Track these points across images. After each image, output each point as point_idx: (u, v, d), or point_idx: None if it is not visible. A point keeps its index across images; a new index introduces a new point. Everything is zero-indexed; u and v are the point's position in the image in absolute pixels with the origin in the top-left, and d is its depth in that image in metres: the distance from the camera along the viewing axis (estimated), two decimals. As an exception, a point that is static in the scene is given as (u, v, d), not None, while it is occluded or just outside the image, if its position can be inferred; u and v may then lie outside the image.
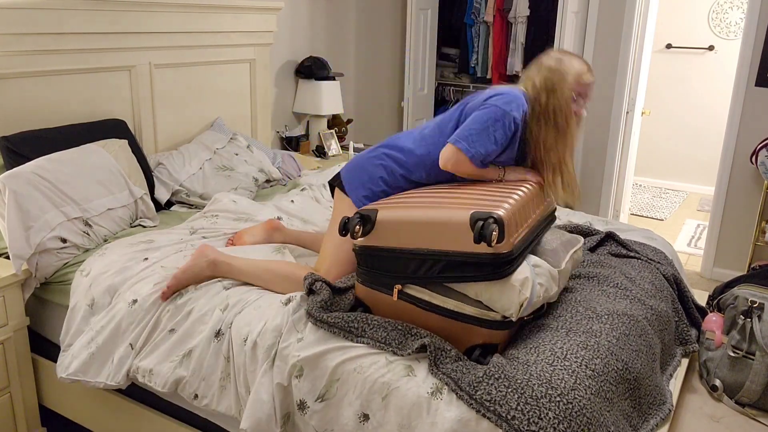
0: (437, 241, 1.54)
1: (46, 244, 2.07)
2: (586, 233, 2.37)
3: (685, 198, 5.69)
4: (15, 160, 2.24)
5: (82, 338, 1.93)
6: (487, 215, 1.48)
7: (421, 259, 1.56)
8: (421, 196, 1.72)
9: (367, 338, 1.57)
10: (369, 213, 1.63)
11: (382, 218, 1.61)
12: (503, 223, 1.47)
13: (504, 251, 1.49)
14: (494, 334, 1.56)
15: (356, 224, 1.61)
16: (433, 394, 1.44)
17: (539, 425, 1.34)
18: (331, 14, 4.31)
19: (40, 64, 2.40)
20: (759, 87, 3.51)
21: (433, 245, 1.54)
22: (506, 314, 1.52)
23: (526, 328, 1.68)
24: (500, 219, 1.47)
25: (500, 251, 1.49)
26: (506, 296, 1.51)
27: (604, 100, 4.08)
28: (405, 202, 1.67)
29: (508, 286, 1.51)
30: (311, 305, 1.65)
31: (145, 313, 1.85)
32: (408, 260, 1.58)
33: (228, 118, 3.33)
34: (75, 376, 1.90)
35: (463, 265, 1.52)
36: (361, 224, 1.62)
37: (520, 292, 1.50)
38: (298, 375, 1.58)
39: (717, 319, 2.07)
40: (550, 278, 1.61)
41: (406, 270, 1.59)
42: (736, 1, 5.39)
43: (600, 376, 1.51)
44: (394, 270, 1.61)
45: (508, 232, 1.50)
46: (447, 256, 1.53)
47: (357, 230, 1.61)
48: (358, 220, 1.62)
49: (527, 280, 1.51)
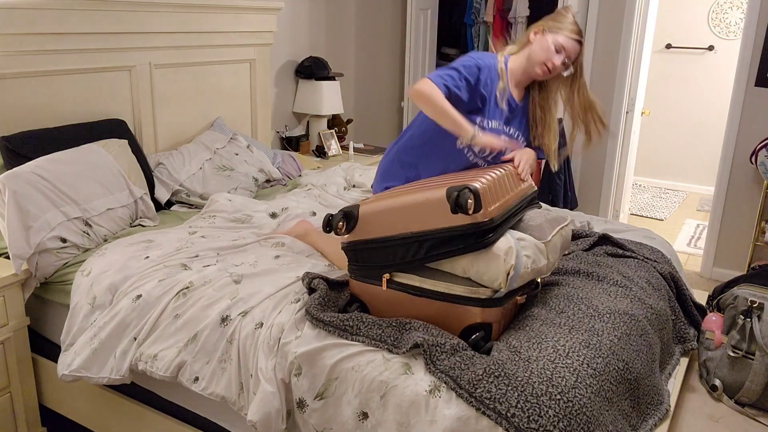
0: (418, 222, 1.58)
1: (46, 244, 2.07)
2: (579, 236, 2.37)
3: (685, 198, 5.69)
4: (15, 160, 2.24)
5: (84, 335, 1.92)
6: (462, 187, 1.52)
7: (407, 244, 1.60)
8: (401, 188, 1.79)
9: (363, 336, 1.58)
10: (351, 209, 1.67)
11: (364, 211, 1.66)
12: (478, 193, 1.51)
13: (483, 220, 1.53)
14: (487, 312, 1.57)
15: (339, 221, 1.64)
16: (431, 392, 1.44)
17: (539, 423, 1.34)
18: (331, 14, 4.31)
19: (40, 64, 2.40)
20: (759, 87, 3.51)
21: (415, 227, 1.59)
22: (494, 285, 1.54)
23: (528, 319, 1.69)
24: (475, 189, 1.51)
25: (479, 220, 1.52)
26: (492, 267, 1.53)
27: (604, 100, 4.08)
28: (385, 195, 1.72)
29: (492, 256, 1.53)
30: (309, 303, 1.68)
31: (151, 307, 1.85)
32: (394, 248, 1.62)
33: (228, 118, 3.34)
34: (78, 373, 1.89)
35: (446, 241, 1.56)
36: (345, 221, 1.65)
37: (505, 261, 1.52)
38: (297, 373, 1.58)
39: (717, 319, 2.07)
40: (537, 251, 1.62)
41: (394, 258, 1.62)
42: (736, 1, 5.39)
43: (601, 375, 1.51)
44: (382, 260, 1.64)
45: (485, 201, 1.54)
46: (430, 235, 1.57)
47: (341, 227, 1.64)
48: (341, 216, 1.65)
49: (511, 249, 1.54)
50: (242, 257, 2.04)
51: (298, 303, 1.72)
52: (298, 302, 1.73)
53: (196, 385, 1.73)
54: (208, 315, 1.77)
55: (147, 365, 1.79)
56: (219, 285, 1.84)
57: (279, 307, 1.73)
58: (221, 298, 1.79)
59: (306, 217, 2.49)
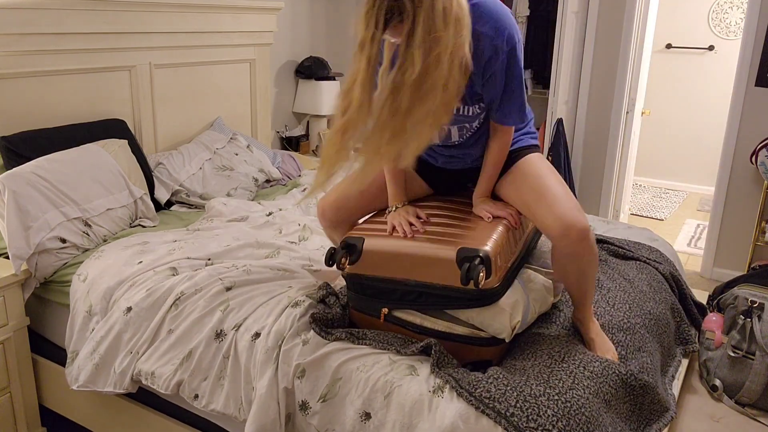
0: (424, 274, 1.53)
1: (45, 244, 2.07)
2: None
3: (685, 198, 5.68)
4: (15, 160, 2.24)
5: (85, 348, 1.93)
6: (474, 253, 1.45)
7: (407, 290, 1.56)
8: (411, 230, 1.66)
9: (369, 340, 1.58)
10: (355, 242, 1.61)
11: (369, 248, 1.60)
12: (490, 261, 1.45)
13: (491, 287, 1.49)
14: (488, 351, 1.56)
15: (342, 256, 1.59)
16: (434, 392, 1.44)
17: (538, 422, 1.34)
18: (331, 14, 4.31)
19: (40, 64, 2.40)
20: (759, 87, 3.51)
21: (420, 278, 1.54)
22: (500, 336, 1.53)
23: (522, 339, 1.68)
24: (487, 257, 1.45)
25: (487, 287, 1.49)
26: (498, 320, 1.51)
27: (604, 100, 4.08)
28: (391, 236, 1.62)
29: (498, 311, 1.50)
30: (319, 316, 1.65)
31: (142, 320, 1.85)
32: (394, 290, 1.58)
33: (228, 118, 3.33)
34: (86, 387, 1.91)
35: (449, 297, 1.52)
36: (348, 254, 1.60)
37: (511, 316, 1.50)
38: (300, 376, 1.58)
39: (717, 319, 2.07)
40: (545, 291, 1.61)
41: (393, 296, 1.59)
42: (736, 1, 5.39)
43: (598, 378, 1.51)
44: (381, 296, 1.60)
45: (495, 267, 1.48)
46: (434, 290, 1.53)
47: (343, 262, 1.59)
48: (343, 251, 1.60)
49: (518, 303, 1.51)
50: (233, 259, 2.03)
51: (298, 308, 1.69)
52: (297, 306, 1.70)
53: (197, 402, 1.74)
54: (200, 330, 1.76)
55: (147, 381, 1.80)
56: (210, 295, 1.81)
57: (274, 314, 1.71)
58: (213, 310, 1.77)
59: (300, 217, 2.48)
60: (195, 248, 2.07)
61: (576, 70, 4.08)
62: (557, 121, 3.97)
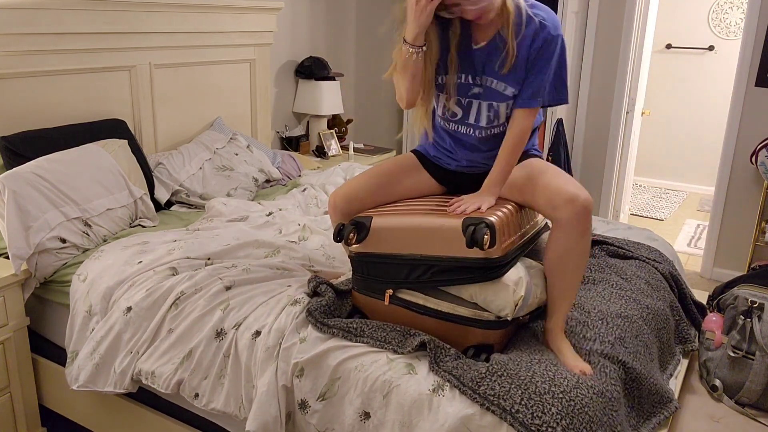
0: (430, 247, 1.56)
1: (45, 244, 2.07)
2: None
3: (685, 198, 5.69)
4: (15, 160, 2.24)
5: (85, 348, 1.93)
6: (479, 220, 1.49)
7: (414, 264, 1.58)
8: (416, 205, 1.74)
9: (367, 338, 1.58)
10: (363, 220, 1.65)
11: (377, 225, 1.63)
12: (495, 228, 1.48)
13: (495, 256, 1.51)
14: (489, 334, 1.57)
15: (351, 231, 1.62)
16: (434, 392, 1.44)
17: (543, 419, 1.34)
18: (331, 14, 4.31)
19: (40, 64, 2.40)
20: (759, 87, 3.51)
21: (426, 251, 1.57)
22: (501, 314, 1.53)
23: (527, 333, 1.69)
24: (492, 224, 1.48)
25: (492, 256, 1.50)
26: (501, 297, 1.52)
27: (604, 100, 4.08)
28: (399, 210, 1.69)
29: (502, 287, 1.52)
30: (314, 307, 1.67)
31: (142, 320, 1.85)
32: (401, 265, 1.60)
33: (228, 118, 3.33)
34: (86, 387, 1.91)
35: (454, 270, 1.53)
36: (356, 231, 1.63)
37: (514, 292, 1.51)
38: (299, 375, 1.58)
39: (717, 319, 2.07)
40: (543, 279, 1.62)
41: (399, 275, 1.61)
42: (736, 1, 5.39)
43: (600, 377, 1.52)
44: (387, 276, 1.63)
45: (500, 237, 1.51)
46: (440, 261, 1.55)
47: (351, 237, 1.62)
48: (352, 227, 1.63)
49: (521, 280, 1.53)
50: (233, 259, 2.03)
51: (297, 306, 1.71)
52: (296, 305, 1.71)
53: (198, 401, 1.74)
54: (200, 329, 1.76)
55: (148, 381, 1.81)
56: (210, 294, 1.81)
57: (274, 312, 1.71)
58: (213, 309, 1.77)
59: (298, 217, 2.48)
60: (195, 248, 2.07)
61: (576, 70, 4.08)
62: (557, 121, 3.97)
